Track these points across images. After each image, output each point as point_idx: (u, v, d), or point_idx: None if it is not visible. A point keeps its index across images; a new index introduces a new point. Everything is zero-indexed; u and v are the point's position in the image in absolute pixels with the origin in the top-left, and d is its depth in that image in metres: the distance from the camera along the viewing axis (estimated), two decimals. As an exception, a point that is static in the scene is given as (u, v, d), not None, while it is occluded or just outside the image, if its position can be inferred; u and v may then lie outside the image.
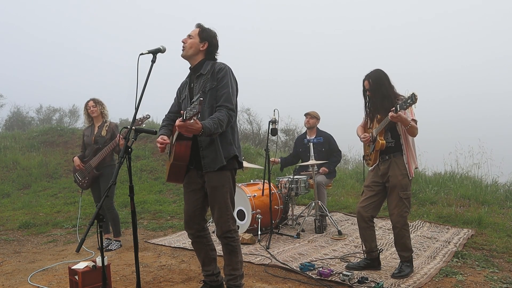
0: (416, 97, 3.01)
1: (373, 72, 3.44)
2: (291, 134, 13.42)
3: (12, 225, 6.06)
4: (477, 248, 4.15)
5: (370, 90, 3.43)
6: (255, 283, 3.33)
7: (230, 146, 2.79)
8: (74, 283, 3.11)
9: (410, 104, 3.05)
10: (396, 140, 3.39)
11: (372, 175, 3.56)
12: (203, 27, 2.88)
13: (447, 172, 7.74)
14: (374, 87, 3.40)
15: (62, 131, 11.29)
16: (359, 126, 3.73)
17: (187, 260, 4.04)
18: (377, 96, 3.41)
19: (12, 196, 8.07)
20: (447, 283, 3.22)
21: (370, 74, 3.44)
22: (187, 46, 2.82)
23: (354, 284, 3.19)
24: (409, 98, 3.04)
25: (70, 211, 6.80)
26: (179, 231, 5.33)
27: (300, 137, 5.82)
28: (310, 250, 4.24)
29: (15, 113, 15.84)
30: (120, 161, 2.41)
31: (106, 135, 4.58)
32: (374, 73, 3.43)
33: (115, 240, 4.69)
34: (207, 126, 2.51)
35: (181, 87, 3.02)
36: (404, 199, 3.34)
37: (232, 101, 2.72)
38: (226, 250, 2.82)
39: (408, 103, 3.05)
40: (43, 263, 4.15)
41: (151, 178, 8.64)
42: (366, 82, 3.46)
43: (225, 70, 2.77)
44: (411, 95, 3.04)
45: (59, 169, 9.30)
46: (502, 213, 5.56)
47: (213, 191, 2.76)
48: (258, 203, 4.85)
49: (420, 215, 5.59)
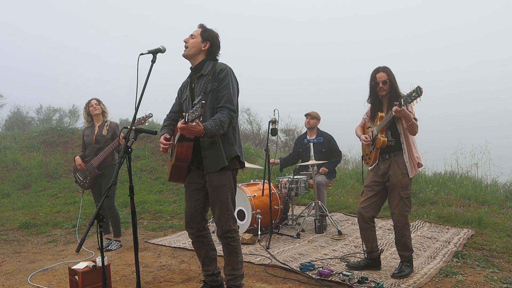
0: (421, 90, 2.95)
1: (386, 66, 3.40)
2: (291, 134, 13.42)
3: (12, 225, 6.06)
4: (477, 248, 4.15)
5: (386, 82, 3.34)
6: (255, 283, 3.33)
7: (232, 147, 2.79)
8: (74, 283, 3.11)
9: (415, 97, 2.99)
10: (397, 139, 3.38)
11: (372, 174, 3.55)
12: (205, 27, 2.88)
13: (447, 172, 7.74)
14: (391, 79, 3.34)
15: (62, 131, 11.28)
16: (358, 126, 3.71)
17: (187, 260, 4.04)
18: (392, 88, 3.35)
19: (12, 196, 8.07)
20: (447, 283, 3.23)
21: (384, 67, 3.39)
22: (189, 45, 2.82)
23: (354, 284, 3.19)
24: (414, 91, 2.98)
25: (70, 211, 6.80)
26: (179, 231, 5.33)
27: (301, 137, 5.82)
28: (310, 250, 4.24)
29: (15, 113, 15.83)
30: (120, 161, 2.41)
31: (107, 134, 4.58)
32: (387, 67, 3.39)
33: (115, 240, 4.69)
34: (209, 128, 2.51)
35: (182, 87, 3.02)
36: (405, 199, 3.34)
37: (233, 102, 2.72)
38: (227, 250, 2.82)
39: (413, 96, 2.99)
40: (43, 263, 4.15)
41: (151, 178, 8.65)
42: (382, 74, 3.36)
43: (226, 70, 2.77)
44: (416, 88, 2.97)
45: (59, 169, 9.30)
46: (502, 213, 5.56)
47: (214, 190, 2.76)
48: (258, 203, 4.85)
49: (420, 215, 5.59)
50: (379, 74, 3.37)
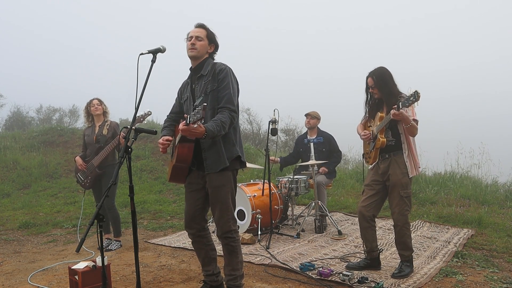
0: (418, 95, 2.98)
1: (377, 69, 3.43)
2: (291, 134, 13.40)
3: (12, 225, 6.06)
4: (477, 248, 4.15)
5: (374, 87, 3.41)
6: (255, 283, 3.33)
7: (233, 147, 2.79)
8: (74, 283, 3.11)
9: (412, 102, 3.02)
10: (397, 139, 3.39)
11: (372, 173, 3.55)
12: (208, 29, 2.88)
13: (447, 172, 7.74)
14: (379, 84, 3.37)
15: (62, 131, 11.28)
16: (359, 124, 3.72)
17: (187, 260, 4.04)
18: (382, 93, 3.39)
19: (12, 196, 8.07)
20: (447, 283, 3.23)
21: (374, 71, 3.43)
22: (198, 47, 2.79)
23: (354, 284, 3.19)
24: (412, 95, 3.01)
25: (70, 211, 6.80)
26: (179, 231, 5.33)
27: (301, 137, 5.82)
28: (310, 250, 4.24)
29: (15, 113, 15.81)
30: (120, 161, 2.41)
31: (108, 134, 4.58)
32: (378, 70, 3.42)
33: (115, 240, 4.69)
34: (210, 129, 2.51)
35: (182, 87, 3.01)
36: (405, 198, 3.34)
37: (233, 102, 2.72)
38: (226, 250, 2.82)
39: (410, 100, 3.02)
40: (43, 263, 4.15)
41: (151, 178, 8.65)
42: (370, 79, 3.44)
43: (226, 71, 2.77)
44: (413, 93, 3.01)
45: (59, 169, 9.30)
46: (502, 213, 5.56)
47: (215, 191, 2.76)
48: (258, 203, 4.85)
49: (420, 215, 5.59)
50: (368, 79, 3.47)
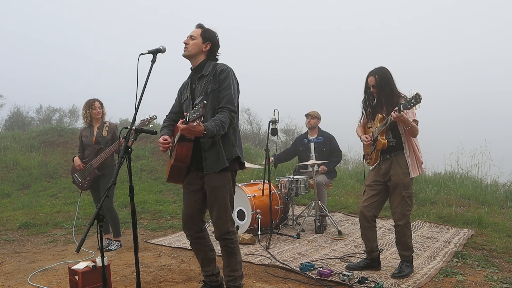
0: (420, 97, 2.98)
1: (379, 69, 3.41)
2: (291, 134, 13.40)
3: (12, 225, 6.06)
4: (477, 248, 4.15)
5: (376, 86, 3.38)
6: (255, 283, 3.33)
7: (233, 148, 2.79)
8: (74, 283, 3.11)
9: (414, 104, 3.02)
10: (398, 140, 3.38)
11: (373, 174, 3.55)
12: (204, 27, 2.87)
13: (447, 172, 7.74)
14: (381, 84, 3.35)
15: (62, 131, 11.28)
16: (358, 126, 3.71)
17: (187, 260, 4.04)
18: (383, 92, 3.37)
19: (12, 196, 8.06)
20: (447, 283, 3.23)
21: (376, 70, 3.41)
22: (189, 47, 2.80)
23: (354, 284, 3.19)
24: (413, 98, 3.01)
25: (70, 211, 6.79)
26: (179, 231, 5.33)
27: (301, 136, 5.80)
28: (310, 250, 4.24)
29: (15, 113, 15.79)
30: (120, 161, 2.41)
31: (107, 135, 4.58)
32: (380, 70, 3.40)
33: (115, 240, 4.69)
34: (210, 128, 2.51)
35: (182, 87, 3.01)
36: (406, 198, 3.34)
37: (234, 102, 2.71)
38: (225, 252, 2.81)
39: (412, 103, 3.02)
40: (43, 263, 4.15)
41: (151, 178, 8.64)
42: (372, 77, 3.40)
43: (227, 71, 2.77)
44: (415, 95, 3.01)
45: (59, 169, 9.30)
46: (502, 213, 5.56)
47: (213, 191, 2.75)
48: (258, 203, 4.85)
49: (420, 215, 5.59)
50: (369, 78, 3.44)
